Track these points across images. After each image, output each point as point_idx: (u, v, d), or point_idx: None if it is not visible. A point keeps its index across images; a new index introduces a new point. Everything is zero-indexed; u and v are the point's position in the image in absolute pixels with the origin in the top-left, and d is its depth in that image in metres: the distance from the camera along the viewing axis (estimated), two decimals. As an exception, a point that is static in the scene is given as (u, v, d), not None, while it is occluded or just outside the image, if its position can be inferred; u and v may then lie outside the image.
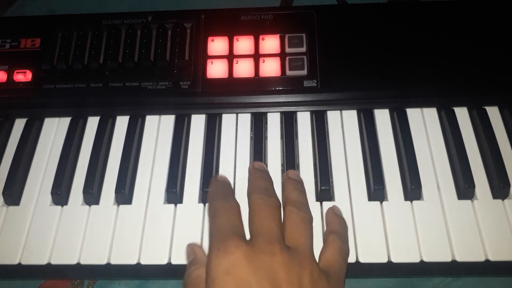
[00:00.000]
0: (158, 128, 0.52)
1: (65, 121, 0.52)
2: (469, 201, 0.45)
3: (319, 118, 0.51)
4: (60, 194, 0.47)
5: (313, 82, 0.50)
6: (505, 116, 0.50)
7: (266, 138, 0.50)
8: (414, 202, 0.45)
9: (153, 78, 0.51)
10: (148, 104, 0.52)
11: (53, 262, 0.44)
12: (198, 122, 0.52)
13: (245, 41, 0.52)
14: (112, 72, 0.52)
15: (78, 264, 0.44)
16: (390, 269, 0.43)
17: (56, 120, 0.53)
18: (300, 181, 0.44)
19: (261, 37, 0.52)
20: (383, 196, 0.46)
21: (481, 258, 0.42)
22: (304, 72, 0.51)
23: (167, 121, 0.52)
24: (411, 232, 0.44)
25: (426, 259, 0.42)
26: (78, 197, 0.48)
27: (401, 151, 0.48)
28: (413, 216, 0.45)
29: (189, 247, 0.42)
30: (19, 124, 0.53)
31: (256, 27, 0.53)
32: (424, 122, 0.50)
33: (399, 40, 0.52)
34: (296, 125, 0.51)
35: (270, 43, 0.52)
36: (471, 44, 0.51)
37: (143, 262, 0.44)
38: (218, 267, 0.34)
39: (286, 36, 0.52)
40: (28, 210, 0.47)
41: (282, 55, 0.52)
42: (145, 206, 0.47)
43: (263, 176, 0.43)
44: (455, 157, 0.47)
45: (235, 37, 0.53)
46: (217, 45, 0.53)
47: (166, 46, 0.53)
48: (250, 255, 0.34)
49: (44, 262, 0.44)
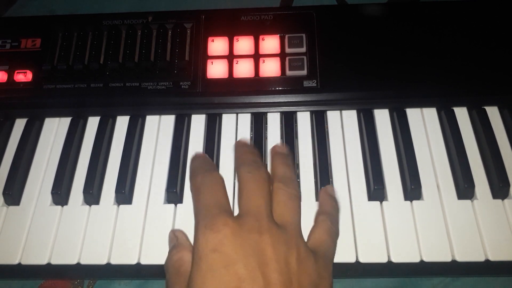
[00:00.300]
0: (158, 128, 0.52)
1: (66, 121, 0.53)
2: (469, 201, 0.45)
3: (319, 118, 0.51)
4: (60, 194, 0.47)
5: (313, 82, 0.51)
6: (505, 116, 0.50)
7: (266, 138, 0.51)
8: (414, 202, 0.45)
9: (154, 78, 0.51)
10: (148, 104, 0.52)
11: (53, 262, 0.44)
12: (198, 122, 0.52)
13: (245, 41, 0.52)
14: (113, 72, 0.52)
15: (78, 264, 0.44)
16: (390, 269, 0.43)
17: (57, 120, 0.53)
18: (288, 155, 0.44)
19: (261, 37, 0.52)
20: (383, 196, 0.46)
21: (481, 258, 0.42)
22: (304, 72, 0.51)
23: (167, 121, 0.52)
24: (411, 232, 0.44)
25: (426, 259, 0.42)
26: (78, 197, 0.48)
27: (401, 151, 0.48)
28: (413, 216, 0.45)
29: (172, 233, 0.42)
30: (20, 124, 0.53)
31: (256, 28, 0.53)
32: (424, 122, 0.50)
33: (399, 40, 0.52)
34: (296, 125, 0.51)
35: (270, 43, 0.52)
36: (471, 44, 0.51)
37: (143, 262, 0.44)
38: (205, 245, 0.33)
39: (286, 36, 0.52)
40: (28, 210, 0.47)
41: (282, 55, 0.52)
42: (145, 206, 0.47)
43: (250, 150, 0.43)
44: (455, 157, 0.47)
45: (235, 37, 0.53)
46: (217, 45, 0.53)
47: (166, 47, 0.53)
48: (238, 233, 0.34)
49: (44, 262, 0.44)
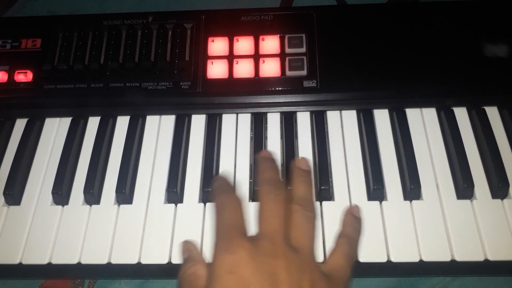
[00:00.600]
0: (159, 128, 0.52)
1: (66, 121, 0.53)
2: (468, 201, 0.45)
3: (319, 118, 0.51)
4: (61, 194, 0.47)
5: (313, 83, 0.51)
6: (504, 116, 0.50)
7: (266, 138, 0.51)
8: (414, 202, 0.46)
9: (154, 79, 0.51)
10: (149, 104, 0.52)
11: (54, 262, 0.44)
12: (199, 122, 0.52)
13: (245, 42, 0.52)
14: (113, 73, 0.52)
15: (79, 264, 0.44)
16: (390, 269, 0.43)
17: (57, 120, 0.53)
18: (308, 171, 0.44)
19: (261, 38, 0.53)
20: (383, 196, 0.46)
21: (480, 258, 0.42)
22: (304, 73, 0.51)
23: (168, 121, 0.52)
24: (411, 232, 0.44)
25: (426, 259, 0.42)
26: (79, 197, 0.48)
27: (401, 151, 0.48)
28: (413, 216, 0.45)
29: (184, 245, 0.42)
30: (20, 124, 0.53)
31: (256, 28, 0.53)
32: (424, 122, 0.51)
33: (399, 41, 0.52)
34: (296, 125, 0.51)
35: (270, 44, 0.52)
36: (470, 44, 0.51)
37: (144, 262, 0.44)
38: (222, 266, 0.34)
39: (286, 37, 0.53)
40: (29, 210, 0.47)
41: (282, 56, 0.52)
42: (146, 206, 0.47)
43: (271, 166, 0.43)
44: (454, 157, 0.47)
45: (235, 38, 0.53)
46: (217, 46, 0.53)
47: (167, 47, 0.53)
48: (253, 255, 0.34)
49: (45, 262, 0.44)
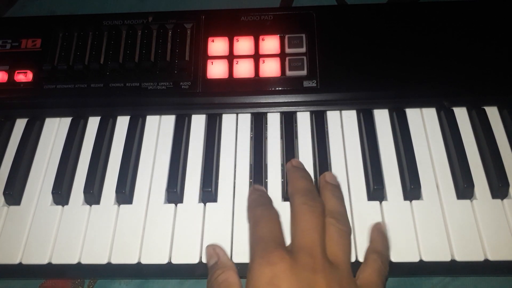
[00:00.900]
0: (159, 128, 0.52)
1: (66, 121, 0.53)
2: (468, 201, 0.45)
3: (319, 118, 0.51)
4: (61, 194, 0.47)
5: (313, 83, 0.51)
6: (504, 116, 0.50)
7: (266, 138, 0.51)
8: (414, 202, 0.46)
9: (154, 79, 0.51)
10: (149, 104, 0.52)
11: (54, 262, 0.44)
12: (199, 122, 0.52)
13: (245, 42, 0.52)
14: (113, 73, 0.52)
15: (79, 264, 0.44)
16: (390, 269, 0.42)
17: (57, 120, 0.53)
18: (338, 186, 0.44)
19: (261, 38, 0.53)
20: (383, 196, 0.46)
21: (480, 258, 0.42)
22: (304, 73, 0.51)
23: (168, 121, 0.52)
24: (411, 232, 0.44)
25: (425, 259, 0.43)
26: (79, 197, 0.48)
27: (401, 151, 0.48)
28: (413, 216, 0.45)
29: (211, 249, 0.41)
30: (20, 124, 0.53)
31: (256, 28, 0.53)
32: (424, 122, 0.51)
33: (399, 41, 0.52)
34: (296, 125, 0.51)
35: (270, 44, 0.52)
36: (470, 44, 0.51)
37: (144, 262, 0.44)
38: (261, 278, 0.34)
39: (286, 37, 0.53)
40: (29, 210, 0.47)
41: (282, 56, 0.52)
42: (146, 206, 0.47)
43: (304, 176, 0.42)
44: (454, 157, 0.47)
45: (235, 38, 0.53)
46: (217, 46, 0.53)
47: (167, 47, 0.53)
48: (293, 269, 0.34)
49: (45, 262, 0.44)
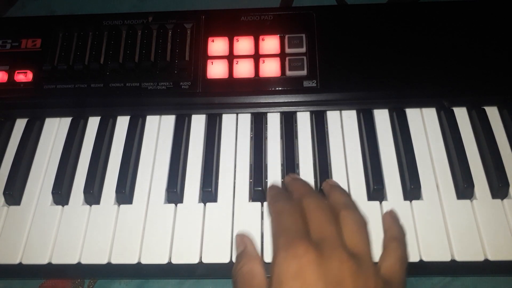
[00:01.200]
0: (159, 128, 0.52)
1: (66, 121, 0.53)
2: (468, 201, 0.45)
3: (319, 118, 0.51)
4: (61, 194, 0.47)
5: (313, 83, 0.51)
6: (504, 116, 0.50)
7: (266, 138, 0.51)
8: (414, 202, 0.46)
9: (154, 79, 0.51)
10: (149, 104, 0.52)
11: (54, 262, 0.44)
12: (199, 122, 0.52)
13: (245, 42, 0.52)
14: (113, 73, 0.52)
15: (79, 264, 0.44)
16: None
17: (57, 120, 0.53)
18: (340, 186, 0.44)
19: (261, 38, 0.53)
20: (383, 196, 0.46)
21: (480, 258, 0.42)
22: (304, 73, 0.51)
23: (168, 121, 0.52)
24: (410, 232, 0.44)
25: (426, 259, 0.43)
26: (79, 197, 0.48)
27: (401, 151, 0.48)
28: (413, 216, 0.45)
29: (239, 237, 0.41)
30: (20, 124, 0.53)
31: (256, 28, 0.53)
32: (424, 122, 0.51)
33: (399, 41, 0.52)
34: (296, 125, 0.51)
35: (270, 44, 0.52)
36: (471, 44, 0.51)
37: (144, 262, 0.44)
38: (286, 270, 0.33)
39: (286, 37, 0.53)
40: (29, 210, 0.47)
41: (282, 56, 0.52)
42: (146, 206, 0.47)
43: (304, 183, 0.43)
44: (454, 157, 0.47)
45: (235, 38, 0.53)
46: (217, 46, 0.53)
47: (167, 47, 0.53)
48: (319, 261, 0.33)
49: (45, 262, 0.44)
